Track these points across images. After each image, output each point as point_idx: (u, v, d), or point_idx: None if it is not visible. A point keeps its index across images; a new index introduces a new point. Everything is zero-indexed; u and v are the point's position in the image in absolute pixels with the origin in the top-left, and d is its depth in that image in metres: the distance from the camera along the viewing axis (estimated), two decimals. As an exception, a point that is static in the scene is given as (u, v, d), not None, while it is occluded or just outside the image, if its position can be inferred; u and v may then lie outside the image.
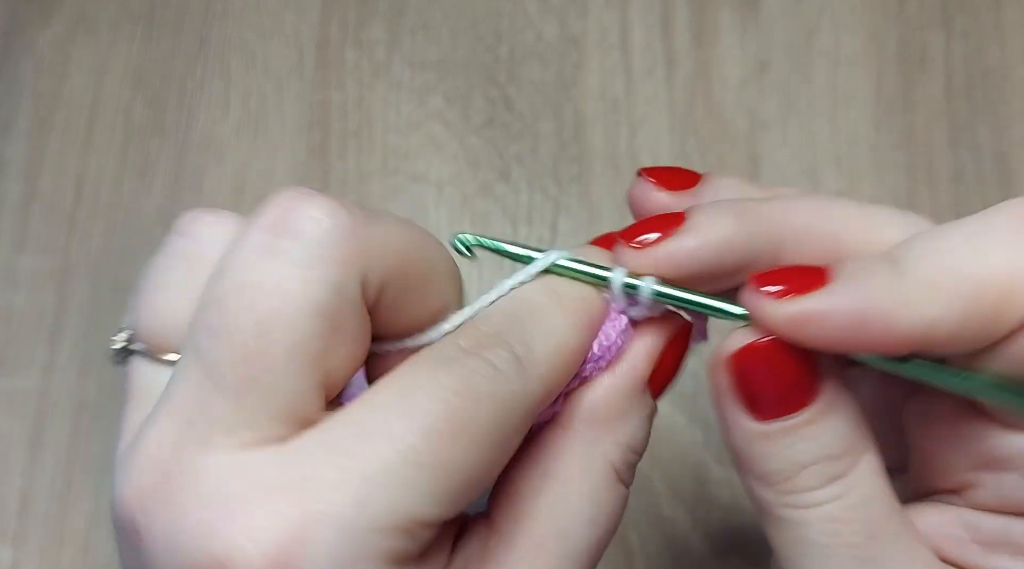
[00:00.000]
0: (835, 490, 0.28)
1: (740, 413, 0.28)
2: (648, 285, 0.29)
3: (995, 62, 0.62)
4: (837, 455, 0.28)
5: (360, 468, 0.23)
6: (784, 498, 0.28)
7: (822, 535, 0.28)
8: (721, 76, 0.63)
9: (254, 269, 0.25)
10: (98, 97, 0.64)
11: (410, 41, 0.65)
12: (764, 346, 0.27)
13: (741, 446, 0.28)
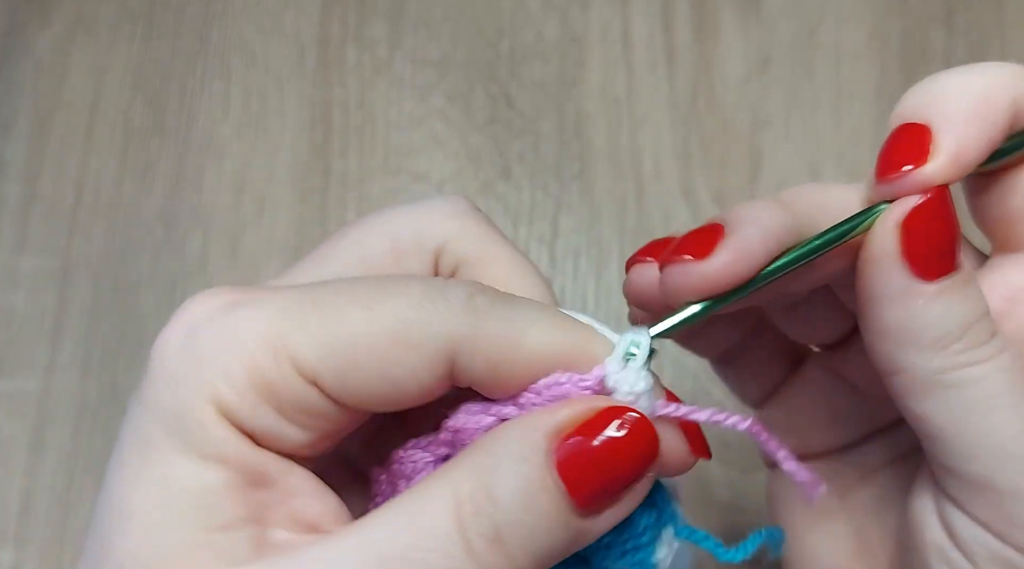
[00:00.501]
0: (999, 342, 0.28)
1: (912, 278, 0.28)
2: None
3: (997, 58, 0.61)
4: (988, 311, 0.29)
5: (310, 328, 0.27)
6: (961, 357, 0.28)
7: (1006, 383, 0.28)
8: (723, 73, 0.62)
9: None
10: (98, 97, 0.64)
11: (411, 39, 0.64)
12: (934, 201, 0.28)
13: (912, 314, 0.28)
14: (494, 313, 0.27)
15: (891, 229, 0.28)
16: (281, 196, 0.62)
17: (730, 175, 0.60)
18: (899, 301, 0.28)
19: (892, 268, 0.28)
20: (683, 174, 0.60)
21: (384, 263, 0.32)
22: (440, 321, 0.27)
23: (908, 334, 0.28)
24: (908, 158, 0.28)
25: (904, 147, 0.29)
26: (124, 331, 0.59)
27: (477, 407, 0.29)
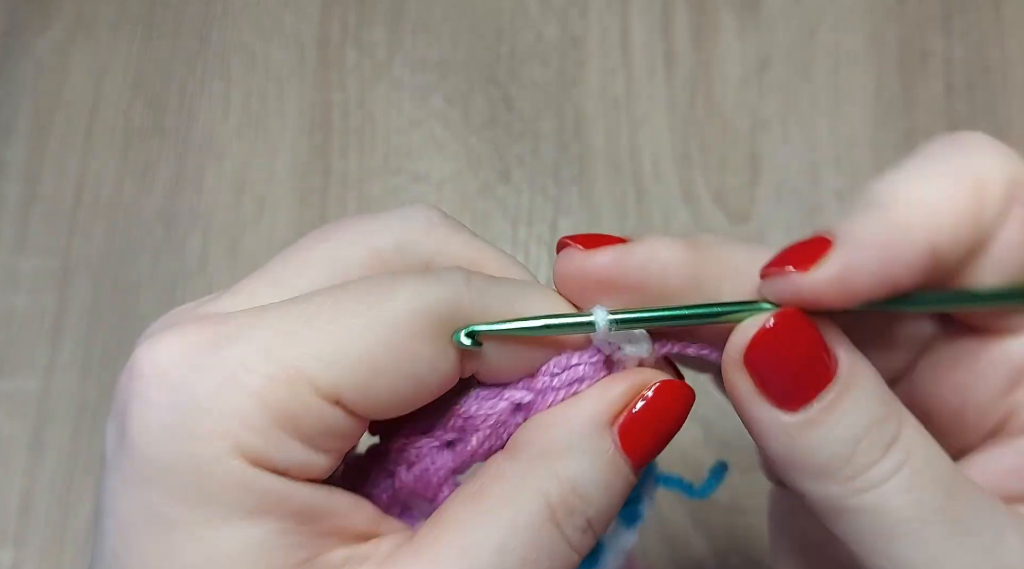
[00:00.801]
0: (897, 457, 0.26)
1: (773, 411, 0.27)
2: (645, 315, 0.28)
3: (995, 61, 0.62)
4: (883, 417, 0.27)
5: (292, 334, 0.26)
6: (851, 484, 0.26)
7: (905, 508, 0.26)
8: (721, 75, 0.62)
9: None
10: (98, 99, 0.64)
11: (411, 41, 0.65)
12: (777, 328, 0.27)
13: (786, 447, 0.27)
14: (493, 291, 0.27)
15: (737, 367, 0.27)
16: (281, 196, 0.62)
17: (729, 176, 0.60)
18: (769, 436, 0.27)
19: (751, 403, 0.27)
20: (682, 176, 0.60)
21: (364, 275, 0.30)
22: (449, 305, 0.26)
23: (792, 465, 0.27)
24: (795, 261, 0.26)
25: (799, 251, 0.27)
26: (124, 331, 0.59)
27: (487, 393, 0.29)
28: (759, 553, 0.53)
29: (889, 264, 0.26)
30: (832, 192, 0.60)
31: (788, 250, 0.27)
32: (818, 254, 0.26)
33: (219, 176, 0.62)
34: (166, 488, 0.25)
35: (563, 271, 0.29)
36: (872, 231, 0.26)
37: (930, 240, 0.26)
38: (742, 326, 0.27)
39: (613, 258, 0.28)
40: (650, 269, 0.28)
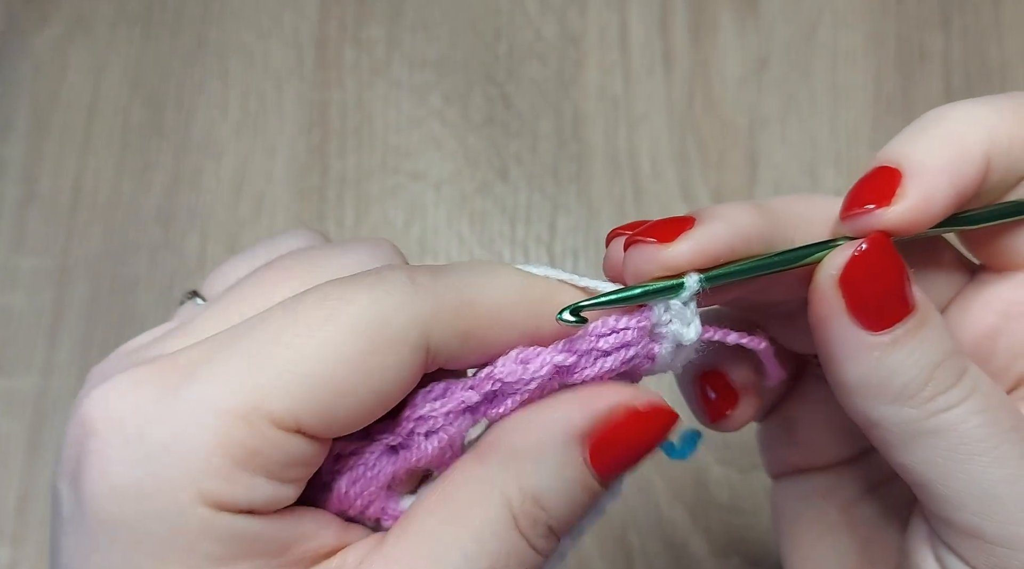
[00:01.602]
0: (969, 383, 0.28)
1: (860, 332, 0.27)
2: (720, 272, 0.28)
3: (994, 60, 0.62)
4: (955, 350, 0.28)
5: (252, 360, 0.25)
6: (930, 405, 0.27)
7: (981, 427, 0.27)
8: (720, 74, 0.62)
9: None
10: (96, 98, 0.64)
11: (409, 40, 0.65)
12: (871, 250, 0.28)
13: (868, 368, 0.27)
14: (440, 284, 0.26)
15: (832, 280, 0.28)
16: (279, 195, 0.62)
17: (728, 175, 0.60)
18: (854, 357, 0.28)
19: (840, 324, 0.28)
20: (681, 174, 0.60)
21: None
22: (402, 312, 0.25)
23: (871, 389, 0.28)
24: (873, 198, 0.28)
25: (873, 187, 0.28)
26: (122, 330, 0.59)
27: (529, 353, 0.28)
28: (759, 553, 0.53)
29: (959, 183, 0.28)
30: (831, 191, 0.60)
31: (860, 188, 0.29)
32: (892, 187, 0.28)
33: (217, 175, 0.62)
34: (132, 547, 0.24)
35: (639, 268, 0.28)
36: (939, 154, 0.28)
37: (986, 152, 0.28)
38: (836, 251, 0.28)
39: (697, 246, 0.27)
40: (736, 245, 0.28)
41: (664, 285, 0.28)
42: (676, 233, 0.28)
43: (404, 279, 0.26)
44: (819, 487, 0.37)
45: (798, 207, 0.30)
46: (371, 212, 0.61)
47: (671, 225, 0.28)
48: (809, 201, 0.31)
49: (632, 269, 0.28)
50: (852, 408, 0.29)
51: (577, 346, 0.28)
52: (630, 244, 0.28)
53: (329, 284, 0.26)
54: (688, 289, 0.27)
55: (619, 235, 0.30)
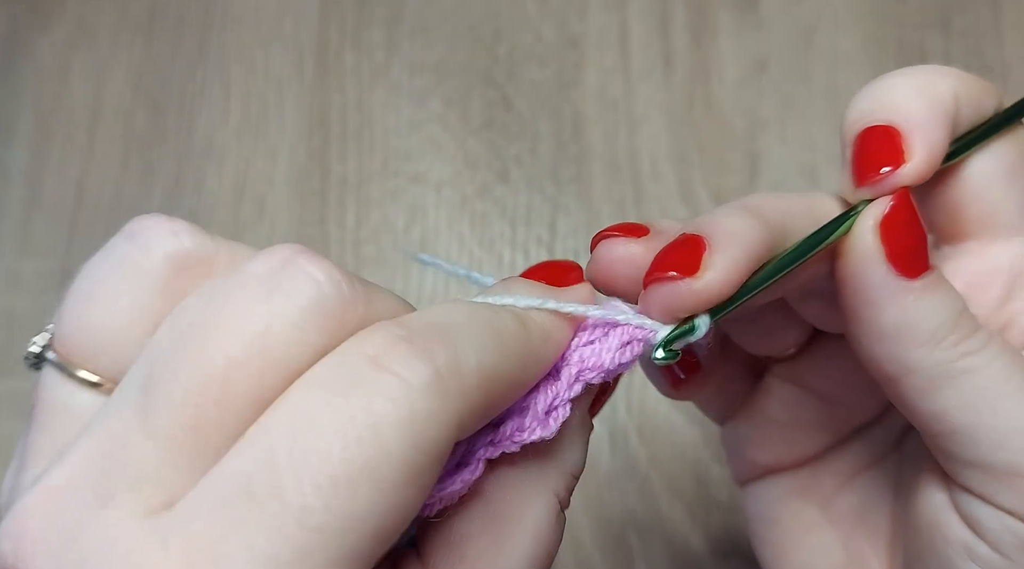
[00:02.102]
0: (986, 330, 0.29)
1: (898, 277, 0.28)
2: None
3: (994, 61, 0.62)
4: (965, 303, 0.29)
5: (261, 547, 0.20)
6: (960, 347, 0.28)
7: (1007, 366, 0.28)
8: (720, 76, 0.63)
9: (236, 314, 0.22)
10: (99, 103, 0.65)
11: (409, 43, 0.65)
12: (901, 205, 0.29)
13: (906, 311, 0.28)
14: (461, 366, 0.23)
15: (872, 232, 0.28)
16: (281, 200, 0.62)
17: (728, 176, 0.60)
18: (891, 301, 0.28)
19: (879, 270, 0.28)
20: (681, 176, 0.60)
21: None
22: (434, 425, 0.22)
23: (906, 331, 0.28)
24: (885, 160, 0.29)
25: (878, 149, 0.29)
26: (124, 333, 0.59)
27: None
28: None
29: (950, 127, 0.29)
30: (830, 192, 0.60)
31: (865, 154, 0.29)
32: (898, 145, 0.29)
33: (219, 179, 0.63)
34: None
35: (672, 307, 0.27)
36: (923, 105, 0.29)
37: (955, 97, 0.30)
38: (871, 206, 0.29)
39: (725, 276, 0.27)
40: (754, 266, 0.28)
41: (681, 331, 0.27)
42: (696, 263, 0.27)
43: (428, 377, 0.22)
44: (794, 487, 0.37)
45: (780, 204, 0.30)
46: (372, 215, 0.61)
47: (686, 253, 0.27)
48: (783, 198, 0.31)
49: (662, 307, 0.27)
50: (883, 356, 0.29)
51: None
52: (652, 282, 0.27)
53: (341, 403, 0.21)
54: (697, 333, 0.27)
55: (606, 237, 0.30)
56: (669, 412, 0.55)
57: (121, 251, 0.25)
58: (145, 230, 0.26)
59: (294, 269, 0.23)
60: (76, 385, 0.25)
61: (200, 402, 0.21)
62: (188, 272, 0.25)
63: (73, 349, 0.25)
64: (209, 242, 0.25)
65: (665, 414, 0.55)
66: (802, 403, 0.37)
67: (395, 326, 0.23)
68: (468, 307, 0.25)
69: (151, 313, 0.24)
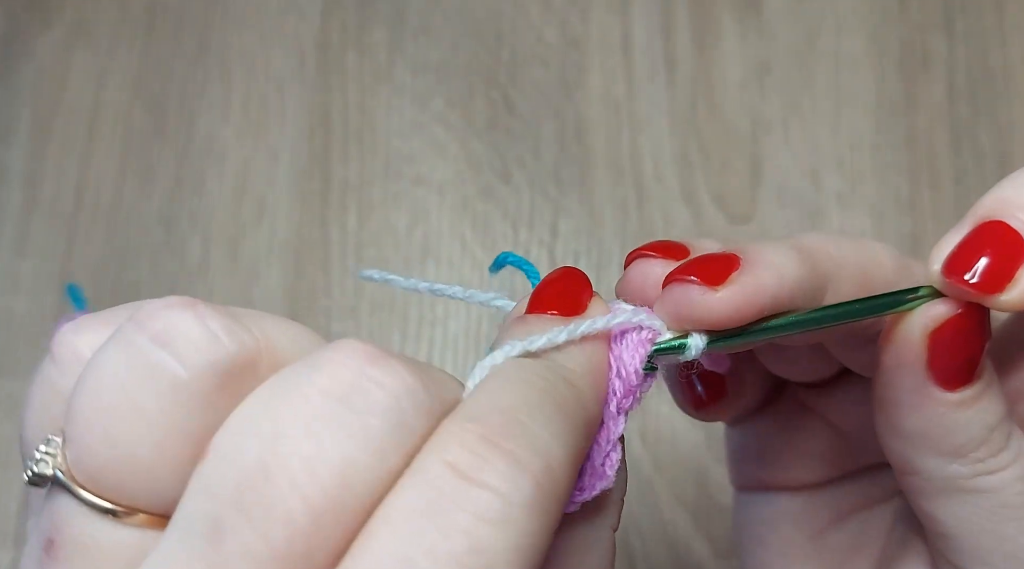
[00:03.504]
0: (1016, 446, 0.28)
1: (934, 387, 0.27)
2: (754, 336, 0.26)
3: (997, 64, 0.62)
4: (1007, 413, 0.28)
5: None
6: (980, 466, 0.27)
7: (1020, 494, 0.28)
8: (722, 78, 0.62)
9: (311, 446, 0.19)
10: (98, 102, 0.64)
11: (411, 44, 0.65)
12: (964, 317, 0.27)
13: (931, 422, 0.27)
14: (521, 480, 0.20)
15: (921, 336, 0.27)
16: (281, 200, 0.62)
17: (731, 179, 0.60)
18: (919, 408, 0.27)
19: (914, 374, 0.27)
20: (684, 178, 0.60)
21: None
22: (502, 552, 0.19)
23: (927, 440, 0.28)
24: (991, 271, 0.26)
25: (992, 254, 0.26)
26: (124, 334, 0.59)
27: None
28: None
29: None
30: (834, 195, 0.60)
31: (974, 250, 0.26)
32: (1011, 267, 0.26)
33: (220, 179, 0.62)
34: None
35: (680, 310, 0.26)
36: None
37: None
38: (931, 305, 0.27)
39: (743, 295, 0.25)
40: (781, 298, 0.26)
41: (668, 345, 0.26)
42: (722, 275, 0.25)
43: (529, 491, 0.20)
44: (788, 511, 0.36)
45: (835, 252, 0.28)
46: (374, 216, 0.61)
47: (715, 265, 0.26)
48: (845, 247, 0.29)
49: (672, 309, 0.26)
50: (895, 452, 0.29)
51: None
52: (671, 281, 0.26)
53: (437, 539, 0.19)
54: (687, 353, 0.26)
55: (642, 256, 0.28)
56: (672, 415, 0.55)
57: (149, 357, 0.21)
58: (173, 328, 0.21)
59: (365, 382, 0.20)
60: (101, 516, 0.21)
61: (280, 554, 0.19)
62: (233, 381, 0.21)
63: (98, 471, 0.21)
64: (248, 337, 0.21)
65: (667, 417, 0.55)
66: (815, 430, 0.36)
67: (468, 423, 0.20)
68: (519, 382, 0.22)
69: (192, 433, 0.21)
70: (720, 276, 0.25)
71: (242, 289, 0.60)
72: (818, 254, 0.27)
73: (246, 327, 0.21)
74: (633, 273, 0.28)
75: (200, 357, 0.21)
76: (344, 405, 0.20)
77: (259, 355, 0.21)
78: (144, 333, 0.21)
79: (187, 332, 0.21)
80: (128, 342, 0.21)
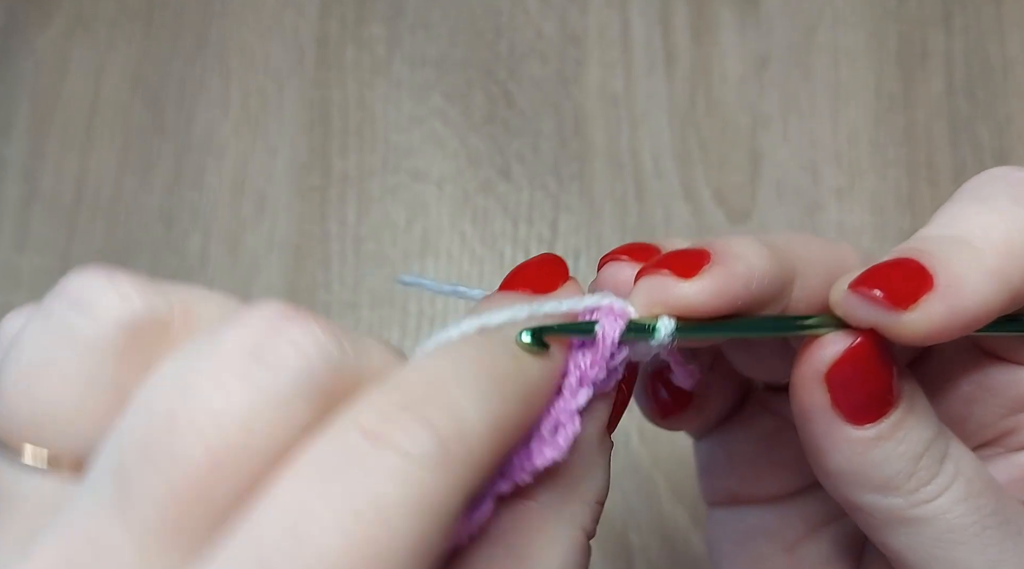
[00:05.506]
0: (951, 469, 0.27)
1: (844, 426, 0.26)
2: (711, 333, 0.26)
3: (995, 58, 0.62)
4: (936, 435, 0.27)
5: None
6: (914, 496, 0.27)
7: (964, 516, 0.27)
8: (721, 72, 0.62)
9: (216, 397, 0.20)
10: (97, 97, 0.64)
11: (410, 38, 0.65)
12: (863, 347, 0.26)
13: (852, 461, 0.27)
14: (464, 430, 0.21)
15: (816, 379, 0.26)
16: (281, 195, 0.62)
17: (730, 174, 0.60)
18: (836, 449, 0.27)
19: (822, 417, 0.27)
20: (683, 173, 0.60)
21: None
22: (442, 500, 0.20)
23: (855, 478, 0.27)
24: (892, 292, 0.25)
25: (897, 277, 0.26)
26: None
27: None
28: (759, 551, 0.53)
29: (986, 310, 0.25)
30: (832, 190, 0.60)
31: (886, 272, 0.26)
32: (919, 291, 0.25)
33: (219, 174, 0.62)
34: None
35: (651, 300, 0.26)
36: (974, 277, 0.25)
37: (1016, 282, 0.26)
38: (824, 341, 0.26)
39: (715, 286, 0.25)
40: (752, 288, 0.26)
41: (637, 327, 0.26)
42: (694, 268, 0.26)
43: (432, 448, 0.20)
44: (760, 525, 0.36)
45: (802, 249, 0.28)
46: (373, 211, 0.61)
47: (687, 258, 0.26)
48: (809, 243, 0.29)
49: (644, 300, 0.26)
50: (834, 491, 0.28)
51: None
52: (643, 273, 0.26)
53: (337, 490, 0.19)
54: (656, 337, 0.26)
55: (614, 260, 0.28)
56: (670, 411, 0.55)
57: (64, 319, 0.22)
58: (87, 293, 0.22)
59: (278, 339, 0.21)
60: (20, 470, 0.22)
61: (182, 499, 0.19)
62: (144, 338, 0.22)
63: (22, 428, 0.22)
64: (159, 300, 0.22)
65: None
66: (782, 437, 0.35)
67: (389, 390, 0.21)
68: (455, 353, 0.23)
69: (108, 387, 0.22)
70: (693, 269, 0.26)
71: (242, 283, 0.60)
72: (784, 250, 0.27)
73: (161, 292, 0.23)
74: (604, 275, 0.28)
75: (110, 315, 0.22)
76: (255, 359, 0.20)
77: (171, 315, 0.22)
78: (62, 300, 0.22)
79: (99, 294, 0.22)
80: (48, 310, 0.22)
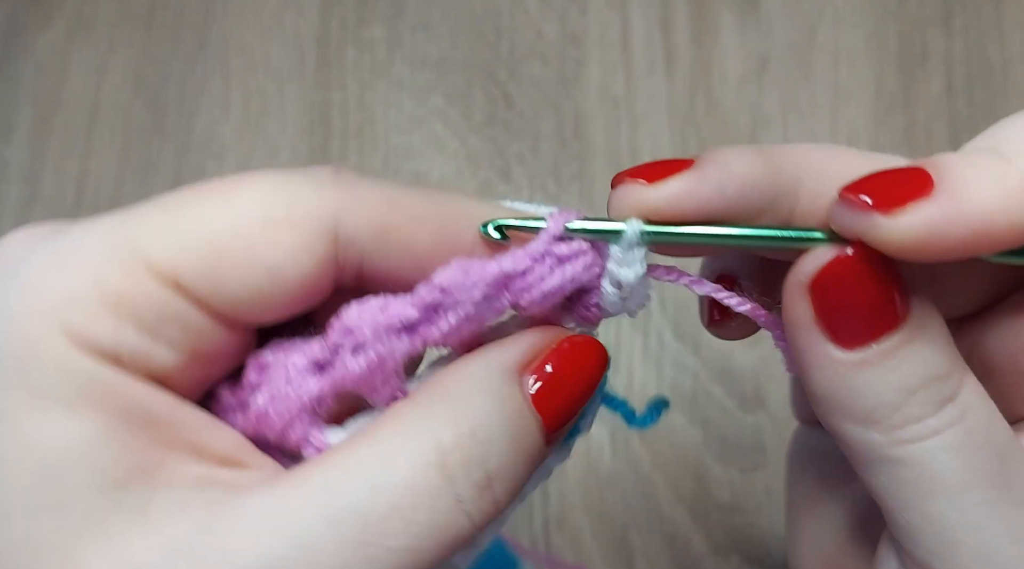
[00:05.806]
0: (951, 414, 0.25)
1: (826, 344, 0.25)
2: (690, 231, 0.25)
3: (995, 59, 0.62)
4: (944, 374, 0.25)
5: None
6: (896, 434, 0.25)
7: (951, 468, 0.24)
8: (721, 73, 0.62)
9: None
10: (98, 98, 0.64)
11: (410, 40, 0.65)
12: (851, 260, 0.24)
13: (832, 384, 0.25)
14: (364, 184, 0.25)
15: (800, 290, 0.25)
16: (281, 196, 0.62)
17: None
18: (819, 369, 0.25)
19: (806, 332, 0.25)
20: (682, 175, 0.60)
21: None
22: (313, 194, 0.24)
23: (836, 404, 0.25)
24: (882, 196, 0.24)
25: (891, 183, 0.24)
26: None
27: (472, 262, 0.26)
28: (759, 553, 0.53)
29: (994, 222, 0.23)
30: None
31: (881, 178, 0.24)
32: (913, 194, 0.23)
33: (220, 175, 0.62)
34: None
35: (622, 208, 0.26)
36: (987, 185, 0.23)
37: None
38: (815, 251, 0.25)
39: (684, 189, 0.25)
40: (727, 192, 0.25)
41: (600, 228, 0.26)
42: (665, 175, 0.25)
43: (327, 170, 0.25)
44: (832, 450, 0.34)
45: (815, 158, 0.26)
46: (373, 212, 0.61)
47: (663, 167, 0.26)
48: (832, 154, 0.27)
49: (614, 206, 0.26)
50: (820, 418, 0.27)
51: (528, 250, 0.26)
52: (617, 182, 0.26)
53: (243, 175, 0.25)
54: (625, 239, 0.26)
55: (623, 182, 0.27)
56: (670, 413, 0.55)
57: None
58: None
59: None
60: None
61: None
62: None
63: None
64: None
65: (666, 415, 0.55)
66: None
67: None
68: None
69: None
70: (664, 176, 0.25)
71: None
72: (784, 158, 0.26)
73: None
74: (614, 200, 0.27)
75: None
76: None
77: None
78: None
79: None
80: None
